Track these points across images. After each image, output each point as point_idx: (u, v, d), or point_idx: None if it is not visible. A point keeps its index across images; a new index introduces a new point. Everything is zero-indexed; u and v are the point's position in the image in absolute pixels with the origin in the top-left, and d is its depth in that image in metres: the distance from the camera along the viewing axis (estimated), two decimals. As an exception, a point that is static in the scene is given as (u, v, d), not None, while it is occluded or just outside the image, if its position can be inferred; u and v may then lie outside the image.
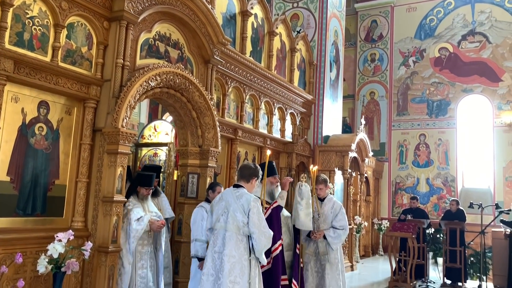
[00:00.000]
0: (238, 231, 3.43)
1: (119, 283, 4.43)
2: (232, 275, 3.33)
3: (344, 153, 9.59)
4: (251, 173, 3.77)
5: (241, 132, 7.29)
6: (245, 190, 3.65)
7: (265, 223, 3.47)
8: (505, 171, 12.78)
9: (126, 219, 4.54)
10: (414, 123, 14.28)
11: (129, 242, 4.48)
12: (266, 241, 3.38)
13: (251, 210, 3.41)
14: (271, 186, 4.51)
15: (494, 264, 8.82)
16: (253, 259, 3.41)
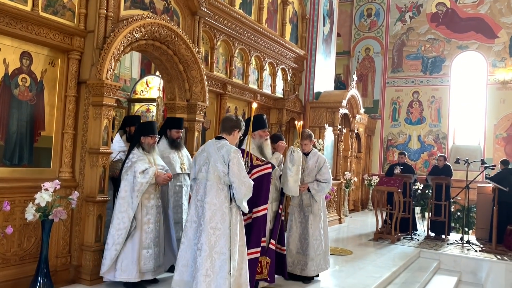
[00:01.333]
0: (219, 181, 3.52)
1: (116, 237, 4.25)
2: (213, 221, 3.47)
3: (335, 109, 9.61)
4: (233, 125, 3.79)
5: (230, 87, 7.27)
6: (227, 141, 3.70)
7: (245, 173, 3.52)
8: (496, 128, 12.89)
9: (130, 172, 4.36)
10: (408, 80, 14.22)
11: (132, 196, 4.30)
12: (246, 190, 3.46)
13: (231, 161, 3.48)
14: (260, 140, 4.45)
15: (478, 218, 9.10)
16: (234, 207, 3.51)
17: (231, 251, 3.41)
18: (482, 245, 8.04)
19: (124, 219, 4.27)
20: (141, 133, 4.60)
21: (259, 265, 4.12)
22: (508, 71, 12.77)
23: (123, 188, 4.34)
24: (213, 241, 3.43)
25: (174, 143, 5.21)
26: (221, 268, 3.38)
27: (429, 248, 7.67)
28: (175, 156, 5.18)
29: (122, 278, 4.26)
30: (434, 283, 6.44)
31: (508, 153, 12.46)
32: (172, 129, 5.20)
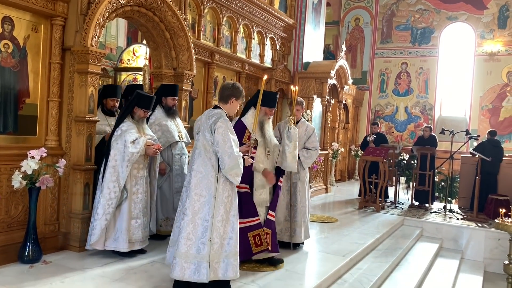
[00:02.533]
0: (206, 149, 3.54)
1: (106, 206, 4.21)
2: (198, 188, 3.51)
3: (323, 80, 9.60)
4: (229, 94, 3.72)
5: (218, 56, 7.20)
6: (220, 110, 3.67)
7: (231, 143, 3.45)
8: (482, 100, 13.03)
9: (120, 141, 4.27)
10: (397, 51, 14.20)
11: (122, 165, 4.23)
12: (229, 161, 3.42)
13: (217, 130, 3.47)
14: (264, 116, 4.34)
15: (461, 188, 9.32)
16: (221, 177, 3.49)
17: (214, 219, 3.45)
18: (463, 214, 8.27)
19: (115, 188, 4.23)
20: (137, 103, 4.49)
21: (258, 238, 4.17)
22: (496, 43, 12.82)
23: (113, 157, 4.27)
24: (196, 207, 3.48)
25: (170, 111, 5.19)
26: (203, 234, 3.44)
27: (413, 216, 7.87)
28: (172, 124, 5.16)
29: (112, 247, 4.30)
30: (416, 250, 6.64)
31: (493, 125, 12.65)
32: (168, 97, 5.17)
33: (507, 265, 5.39)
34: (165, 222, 5.12)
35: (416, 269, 5.66)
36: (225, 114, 3.65)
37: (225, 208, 3.50)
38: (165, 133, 5.05)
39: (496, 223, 5.37)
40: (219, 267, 3.47)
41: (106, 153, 4.36)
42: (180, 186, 5.15)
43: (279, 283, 3.97)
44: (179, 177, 5.17)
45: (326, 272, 4.34)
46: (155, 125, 5.04)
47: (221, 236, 3.47)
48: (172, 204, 5.12)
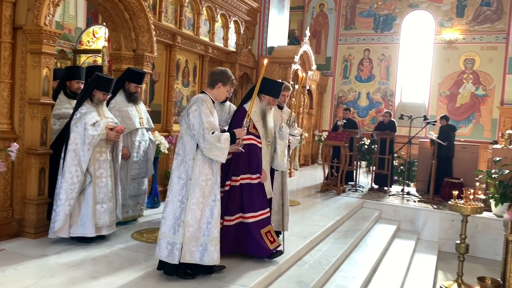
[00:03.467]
0: (186, 132, 3.56)
1: (69, 191, 4.12)
2: (178, 171, 3.56)
3: (287, 65, 9.63)
4: (216, 79, 3.66)
5: (180, 38, 7.06)
6: (202, 95, 3.64)
7: (207, 125, 3.42)
8: (440, 86, 13.46)
9: (80, 124, 4.18)
10: (360, 37, 14.40)
11: (83, 149, 4.16)
12: (204, 143, 3.41)
13: (191, 114, 3.47)
14: (267, 106, 4.21)
15: (418, 171, 9.65)
16: (198, 160, 3.49)
17: (189, 201, 3.48)
18: (420, 196, 8.59)
19: (77, 173, 4.14)
20: (96, 86, 4.36)
21: (269, 234, 4.12)
22: (454, 31, 13.21)
23: (73, 141, 4.17)
24: (175, 189, 3.54)
25: (132, 97, 5.06)
26: (180, 215, 3.49)
27: (372, 199, 8.10)
28: (133, 110, 5.05)
29: (79, 233, 4.20)
30: (375, 231, 6.85)
31: (450, 111, 13.12)
32: (132, 83, 5.03)
33: (458, 244, 5.64)
34: (123, 209, 5.02)
35: (374, 250, 5.84)
36: (207, 98, 3.61)
37: (202, 191, 3.49)
38: (125, 119, 4.93)
39: (450, 204, 5.59)
40: (197, 250, 3.47)
41: (66, 137, 4.25)
42: (136, 173, 5.10)
43: (240, 265, 4.01)
44: (136, 165, 5.10)
45: (287, 254, 4.41)
46: (115, 110, 4.91)
47: (198, 219, 3.48)
48: (127, 191, 5.03)
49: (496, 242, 6.80)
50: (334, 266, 4.80)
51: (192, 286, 3.49)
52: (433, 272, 6.00)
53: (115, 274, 3.61)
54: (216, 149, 3.44)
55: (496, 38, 12.83)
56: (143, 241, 4.55)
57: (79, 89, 4.93)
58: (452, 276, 5.97)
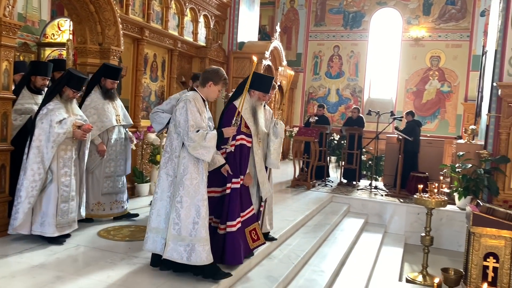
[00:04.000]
0: (173, 130, 3.51)
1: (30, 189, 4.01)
2: (166, 168, 3.52)
3: (258, 60, 9.61)
4: (207, 77, 3.57)
5: (148, 32, 6.93)
6: (191, 92, 3.55)
7: (193, 123, 3.35)
8: (407, 83, 13.77)
9: (46, 120, 4.05)
10: (330, 34, 14.54)
11: (47, 146, 4.02)
12: (189, 142, 3.34)
13: (178, 111, 3.42)
14: (257, 102, 4.07)
15: (385, 166, 9.85)
16: (183, 158, 3.42)
17: (174, 199, 3.42)
18: (387, 190, 8.77)
19: (39, 170, 4.02)
20: (67, 83, 4.21)
21: (254, 232, 4.02)
22: (421, 28, 13.52)
23: (37, 137, 4.04)
24: (164, 185, 3.51)
25: (108, 93, 4.92)
26: (167, 213, 3.48)
27: (341, 194, 8.22)
28: (110, 107, 4.92)
29: (38, 232, 4.09)
30: (343, 225, 6.96)
31: (417, 106, 13.44)
32: (108, 79, 4.88)
33: (423, 236, 5.80)
34: (97, 207, 4.94)
35: (342, 244, 5.93)
36: (197, 96, 3.52)
37: (186, 190, 3.40)
38: (101, 117, 4.81)
39: (415, 198, 5.74)
40: (184, 250, 3.40)
41: (30, 133, 4.11)
42: (111, 171, 5.00)
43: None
44: (112, 162, 4.99)
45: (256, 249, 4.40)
46: (91, 108, 4.79)
47: (183, 219, 3.39)
48: (101, 189, 4.93)
49: (460, 234, 7.01)
50: (303, 260, 4.85)
51: (162, 281, 3.44)
52: (399, 264, 6.15)
53: (81, 273, 3.52)
54: (201, 148, 3.36)
55: (460, 36, 13.22)
56: (109, 239, 4.45)
57: (44, 85, 4.75)
58: (417, 267, 6.13)
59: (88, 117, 4.63)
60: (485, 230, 4.97)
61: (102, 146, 4.82)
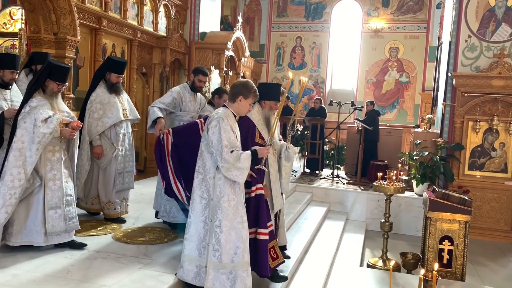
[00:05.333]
0: (206, 149, 3.33)
1: (8, 196, 3.60)
2: (199, 190, 3.34)
3: (220, 51, 9.55)
4: (236, 92, 3.38)
5: (106, 21, 6.73)
6: (223, 109, 3.36)
7: (226, 143, 3.17)
8: (367, 74, 14.07)
9: (29, 119, 3.65)
10: (292, 25, 14.62)
11: (31, 148, 3.61)
12: (222, 163, 3.17)
13: (210, 130, 3.24)
14: (269, 111, 3.96)
15: (347, 155, 10.06)
16: (219, 179, 3.26)
17: (212, 223, 3.25)
18: (349, 179, 8.97)
19: (19, 175, 3.59)
20: (49, 75, 3.82)
21: (273, 250, 3.76)
22: (380, 20, 13.82)
23: (19, 138, 3.63)
24: (198, 209, 3.32)
25: (113, 88, 4.73)
26: (204, 237, 3.29)
27: (304, 183, 8.34)
28: (116, 101, 4.74)
29: (25, 241, 3.72)
30: (307, 213, 7.07)
31: (376, 97, 13.78)
32: (113, 73, 4.70)
33: (383, 223, 5.97)
34: (108, 205, 4.77)
35: (306, 232, 6.03)
36: (229, 113, 3.34)
37: (224, 213, 3.24)
38: (107, 112, 4.64)
39: (375, 185, 5.90)
40: (227, 278, 3.22)
41: (10, 134, 3.73)
42: (122, 167, 4.80)
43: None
44: (122, 158, 4.80)
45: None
46: (96, 103, 4.61)
47: (224, 244, 3.22)
48: (113, 187, 4.77)
49: (418, 219, 7.28)
50: (267, 250, 4.89)
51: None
52: (360, 250, 6.32)
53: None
54: (235, 169, 3.18)
55: (418, 27, 13.61)
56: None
57: (12, 80, 4.33)
58: (377, 253, 6.32)
59: (94, 113, 4.50)
60: (440, 214, 5.18)
61: (99, 149, 4.62)
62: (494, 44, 7.38)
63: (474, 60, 7.48)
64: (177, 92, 4.77)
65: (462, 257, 5.14)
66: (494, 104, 7.28)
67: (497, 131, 7.33)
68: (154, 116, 4.45)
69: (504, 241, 7.23)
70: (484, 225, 7.32)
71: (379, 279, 4.53)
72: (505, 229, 7.29)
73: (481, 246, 6.82)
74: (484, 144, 7.42)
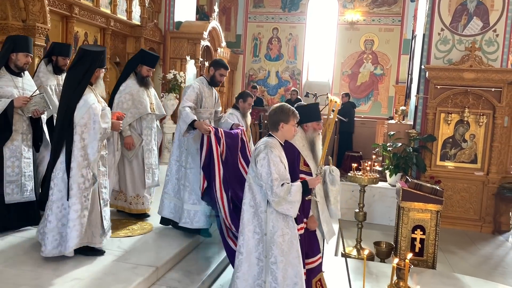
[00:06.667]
0: (254, 181, 3.19)
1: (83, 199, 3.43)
2: (251, 224, 3.19)
3: (196, 41, 9.44)
4: (275, 120, 3.20)
5: (78, 9, 6.54)
6: (269, 139, 3.18)
7: (276, 176, 3.03)
8: (343, 66, 14.19)
9: (86, 115, 3.42)
10: (268, 16, 14.57)
11: (92, 146, 3.44)
12: (273, 197, 3.04)
13: (258, 162, 3.09)
14: (314, 133, 3.66)
15: (323, 146, 10.15)
16: (271, 213, 3.11)
17: (268, 260, 3.11)
18: (325, 170, 9.06)
19: (88, 175, 3.46)
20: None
21: (319, 283, 3.58)
22: (356, 12, 13.92)
23: (80, 136, 3.45)
24: (251, 245, 3.17)
25: (143, 81, 4.65)
26: (259, 274, 3.15)
27: (280, 174, 8.36)
28: (144, 95, 4.65)
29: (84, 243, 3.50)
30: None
31: (352, 89, 13.92)
32: (144, 66, 4.60)
33: (357, 212, 6.07)
34: (135, 200, 4.66)
35: (281, 223, 6.06)
36: (276, 143, 3.16)
37: (280, 248, 3.09)
38: (135, 103, 4.55)
39: (350, 176, 5.97)
40: None
41: (64, 133, 3.47)
42: (150, 162, 4.69)
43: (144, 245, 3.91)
44: (149, 153, 4.70)
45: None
46: (126, 93, 4.51)
47: (281, 281, 3.08)
48: (143, 181, 4.66)
49: (391, 209, 7.41)
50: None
51: None
52: (335, 240, 6.38)
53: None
54: (286, 203, 3.05)
55: (392, 20, 13.77)
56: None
57: (27, 64, 4.08)
58: (352, 242, 6.42)
59: (123, 103, 4.41)
60: (413, 204, 5.30)
61: (130, 139, 4.50)
62: (466, 37, 7.54)
63: (447, 53, 7.62)
64: (198, 87, 4.37)
65: (434, 245, 5.27)
66: (465, 96, 7.45)
67: (468, 123, 7.52)
68: (189, 118, 4.07)
69: (473, 229, 7.46)
70: (455, 214, 7.53)
71: (353, 268, 4.60)
72: (474, 218, 7.52)
73: (452, 235, 7.01)
74: (456, 135, 7.59)
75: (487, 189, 7.43)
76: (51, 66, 4.63)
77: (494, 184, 7.40)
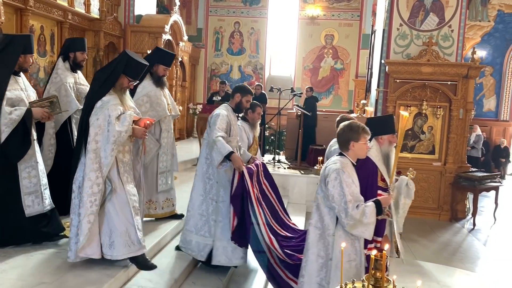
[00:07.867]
0: (323, 202, 3.05)
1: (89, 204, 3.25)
2: (315, 247, 3.06)
3: (157, 34, 9.26)
4: (344, 140, 3.08)
5: (33, 1, 6.25)
6: (339, 159, 3.05)
7: (350, 197, 2.90)
8: (305, 60, 14.35)
9: (101, 116, 3.28)
10: (230, 10, 14.49)
11: (105, 149, 3.26)
12: (347, 220, 2.90)
13: (330, 183, 2.95)
14: (389, 147, 3.41)
15: (287, 140, 10.25)
16: (339, 236, 2.97)
17: (331, 285, 2.96)
18: (290, 163, 9.15)
19: (97, 180, 3.27)
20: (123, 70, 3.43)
21: None
22: (316, 7, 14.09)
23: (93, 138, 3.28)
24: (313, 268, 3.05)
25: (160, 81, 4.45)
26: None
27: (246, 169, 8.38)
28: (161, 96, 4.47)
29: (108, 256, 3.36)
30: (249, 199, 7.13)
31: (313, 83, 14.11)
32: (161, 65, 4.41)
33: (323, 205, 6.19)
34: (148, 205, 4.46)
35: (249, 217, 6.08)
36: (347, 162, 3.05)
37: (345, 276, 2.85)
38: (154, 106, 4.37)
39: (315, 169, 6.08)
40: None
41: (82, 133, 3.37)
42: (165, 166, 4.52)
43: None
44: (164, 156, 4.54)
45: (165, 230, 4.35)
46: (143, 95, 4.32)
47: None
48: (155, 186, 4.49)
49: (354, 200, 7.61)
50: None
51: None
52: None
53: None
54: (361, 226, 2.92)
55: (351, 15, 14.05)
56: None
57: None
58: (318, 234, 6.54)
59: (140, 106, 4.14)
60: (377, 195, 5.44)
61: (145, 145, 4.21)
62: (423, 32, 7.81)
63: (405, 48, 7.87)
64: (226, 115, 3.96)
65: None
66: (423, 89, 7.73)
67: (426, 115, 7.81)
68: (226, 150, 3.70)
69: (432, 218, 7.78)
70: (415, 203, 7.68)
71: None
72: (433, 207, 7.84)
73: (412, 224, 7.27)
74: (414, 127, 7.88)
75: (444, 179, 7.77)
76: (68, 63, 4.44)
77: (451, 174, 7.75)
